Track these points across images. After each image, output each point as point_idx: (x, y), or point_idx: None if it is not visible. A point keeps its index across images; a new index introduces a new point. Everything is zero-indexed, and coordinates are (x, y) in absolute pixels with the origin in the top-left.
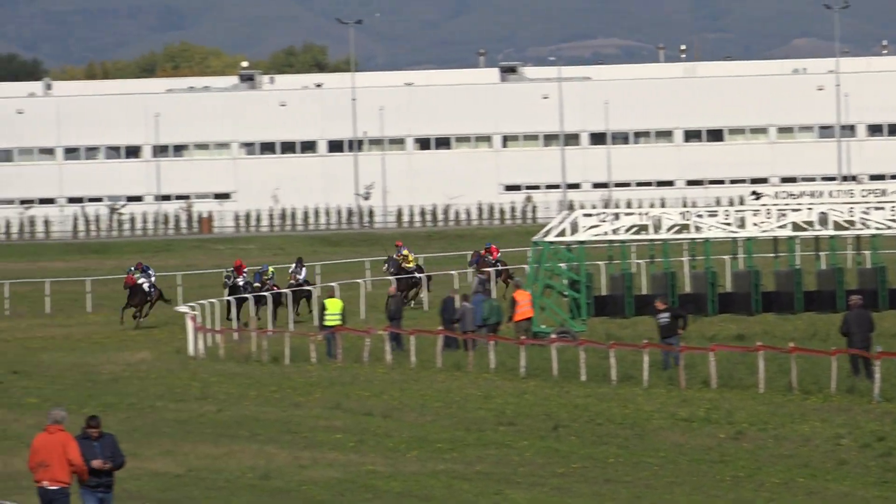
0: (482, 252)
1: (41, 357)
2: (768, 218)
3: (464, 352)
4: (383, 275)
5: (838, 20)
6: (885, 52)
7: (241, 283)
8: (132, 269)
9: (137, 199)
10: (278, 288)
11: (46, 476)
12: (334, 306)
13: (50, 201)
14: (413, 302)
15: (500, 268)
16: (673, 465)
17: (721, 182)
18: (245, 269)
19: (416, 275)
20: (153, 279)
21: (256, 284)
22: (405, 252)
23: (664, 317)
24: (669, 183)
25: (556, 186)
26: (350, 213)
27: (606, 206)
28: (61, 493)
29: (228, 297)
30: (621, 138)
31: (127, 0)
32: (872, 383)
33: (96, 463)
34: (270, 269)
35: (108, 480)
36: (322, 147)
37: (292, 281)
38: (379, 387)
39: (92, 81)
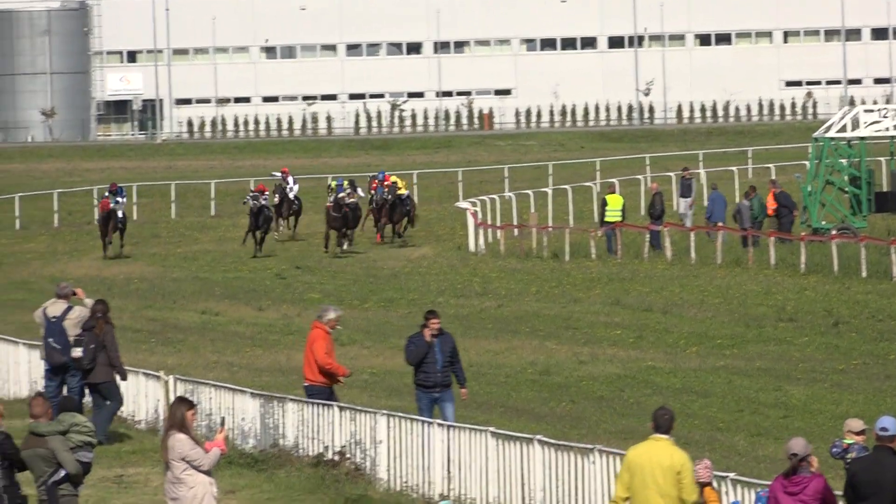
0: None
1: (324, 252)
2: None
3: (743, 248)
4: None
5: None
6: None
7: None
8: (107, 193)
9: (418, 95)
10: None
11: (305, 372)
12: (615, 202)
13: (332, 98)
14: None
15: None
16: None
17: None
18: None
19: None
20: (123, 204)
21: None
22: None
23: None
24: None
25: (837, 82)
26: (630, 109)
27: (888, 101)
28: (311, 391)
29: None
30: None
31: None
32: None
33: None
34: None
35: (446, 380)
36: (602, 43)
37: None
38: (658, 283)
39: None
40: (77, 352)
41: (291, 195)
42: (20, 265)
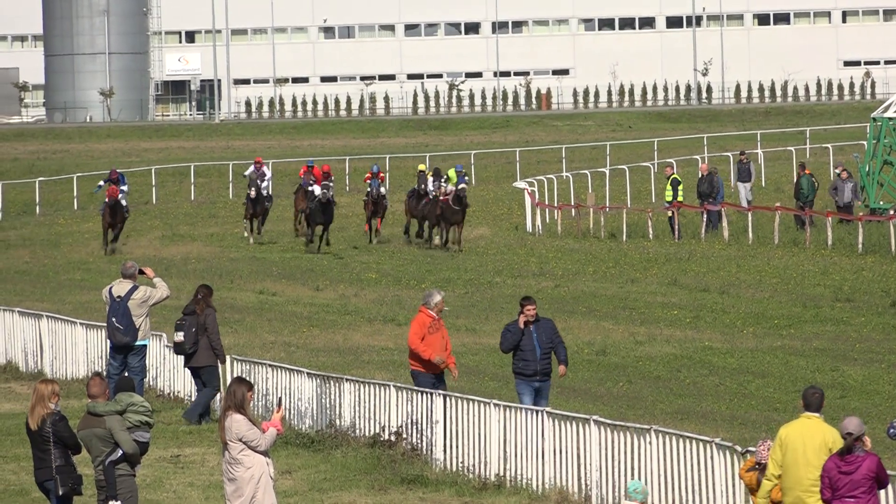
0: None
1: (382, 232)
2: None
3: (798, 228)
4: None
5: None
6: None
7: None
8: (107, 181)
9: (476, 75)
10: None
11: (426, 355)
12: (670, 186)
13: (390, 77)
14: None
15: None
16: None
17: None
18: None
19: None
20: (127, 194)
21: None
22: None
23: None
24: None
25: None
26: (688, 88)
27: None
28: (413, 375)
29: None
30: None
31: None
32: None
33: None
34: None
35: (546, 367)
36: (660, 23)
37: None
38: (716, 263)
39: None
40: (179, 336)
41: (265, 192)
42: (78, 245)
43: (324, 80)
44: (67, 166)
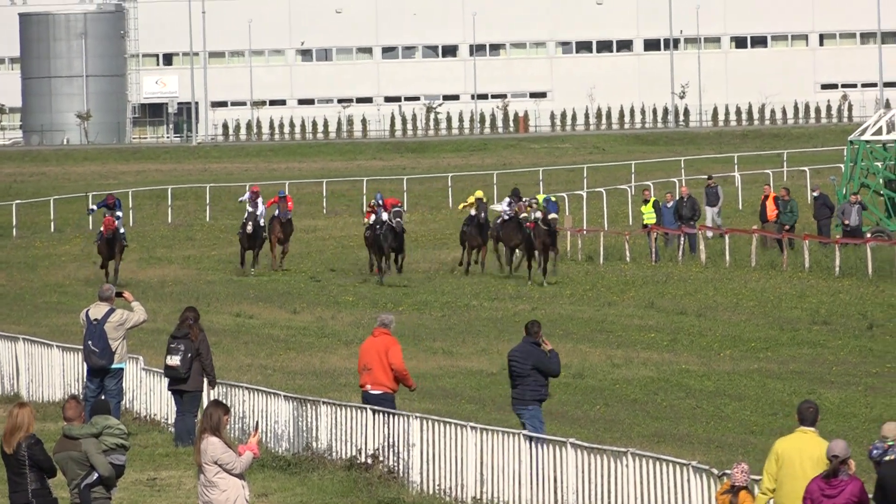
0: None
1: (358, 255)
2: None
3: (762, 248)
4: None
5: None
6: None
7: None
8: (101, 206)
9: (454, 98)
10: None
11: (369, 380)
12: (648, 207)
13: (367, 100)
14: None
15: None
16: None
17: None
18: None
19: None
20: (121, 220)
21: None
22: None
23: None
24: None
25: (873, 85)
26: (665, 111)
27: None
28: (383, 398)
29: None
30: None
31: None
32: None
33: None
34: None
35: (529, 393)
36: (638, 46)
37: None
38: (693, 286)
39: None
40: (174, 360)
41: (262, 221)
42: (55, 268)
43: (301, 102)
44: (44, 189)
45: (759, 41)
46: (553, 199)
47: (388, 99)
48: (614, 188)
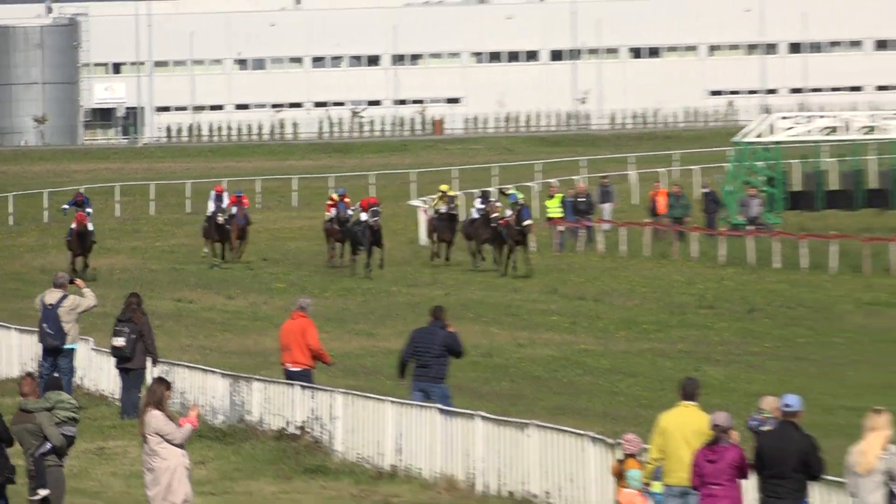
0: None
1: (288, 246)
2: None
3: (655, 241)
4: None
5: None
6: None
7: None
8: (72, 204)
9: (376, 103)
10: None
11: (288, 359)
12: (553, 202)
13: (298, 105)
14: None
15: None
16: (857, 345)
17: None
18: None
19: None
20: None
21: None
22: None
23: None
24: (859, 88)
25: (756, 92)
26: (568, 116)
27: (802, 109)
28: (301, 374)
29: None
30: (816, 47)
31: None
32: None
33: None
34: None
35: (440, 371)
36: (544, 56)
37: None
38: (592, 273)
39: None
40: (119, 341)
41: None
42: (13, 258)
43: (238, 107)
44: (3, 186)
45: (654, 52)
46: (520, 200)
47: (317, 104)
48: (522, 185)
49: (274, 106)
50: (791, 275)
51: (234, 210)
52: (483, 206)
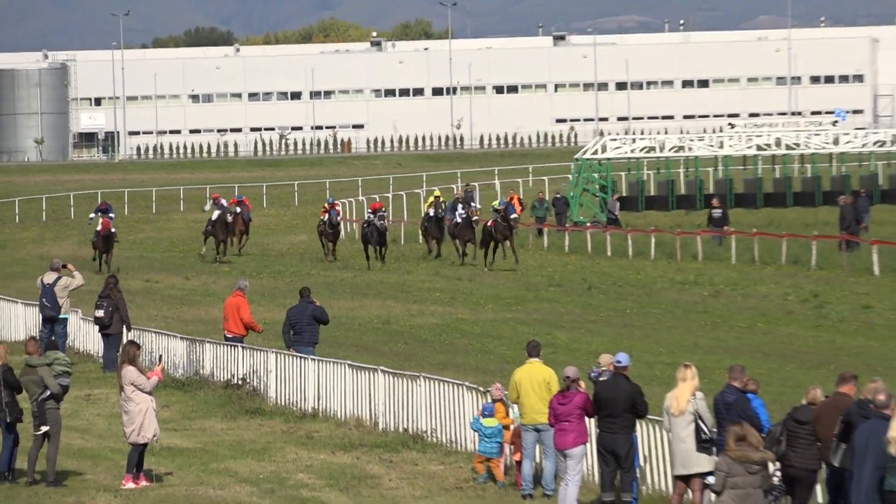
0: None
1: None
2: (739, 141)
3: (537, 237)
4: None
5: (790, 2)
6: (822, 24)
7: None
8: (97, 212)
9: (299, 128)
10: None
11: (226, 327)
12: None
13: (238, 130)
14: None
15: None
16: (670, 315)
17: (706, 116)
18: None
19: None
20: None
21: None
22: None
23: (717, 211)
24: (671, 117)
25: (591, 119)
26: (447, 138)
27: (626, 133)
28: (236, 340)
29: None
30: (637, 86)
31: None
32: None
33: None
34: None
35: (312, 337)
36: (428, 92)
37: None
38: (466, 260)
39: (268, 46)
40: (100, 313)
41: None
42: (19, 247)
43: (191, 131)
44: (10, 193)
45: (513, 88)
46: (505, 202)
47: (253, 129)
48: (411, 192)
49: (219, 130)
50: (620, 260)
51: (237, 209)
52: (464, 211)
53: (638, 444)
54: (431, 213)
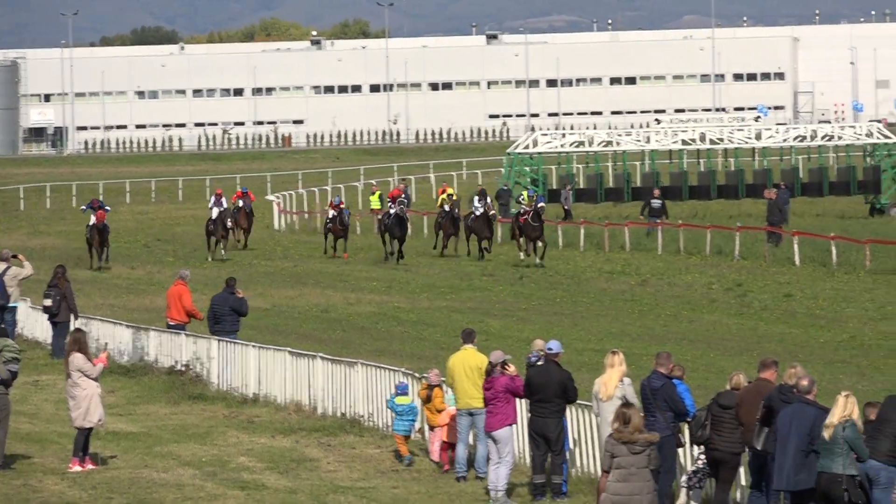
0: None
1: (176, 230)
2: (666, 136)
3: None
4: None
5: (713, 2)
6: (745, 24)
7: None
8: (87, 206)
9: (241, 123)
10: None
11: (168, 315)
12: (374, 197)
13: (182, 125)
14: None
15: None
16: (599, 303)
17: (634, 112)
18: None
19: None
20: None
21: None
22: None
23: (657, 202)
24: (599, 113)
25: (523, 115)
26: (384, 133)
27: (556, 128)
28: (178, 327)
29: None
30: (567, 83)
31: None
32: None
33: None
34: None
35: (232, 326)
36: (366, 89)
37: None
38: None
39: (212, 44)
40: (48, 301)
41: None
42: None
43: (137, 127)
44: None
45: (447, 85)
46: (535, 193)
47: (197, 124)
48: (350, 185)
49: (164, 126)
50: (551, 251)
51: (240, 203)
52: (480, 205)
53: (568, 428)
54: (447, 209)
